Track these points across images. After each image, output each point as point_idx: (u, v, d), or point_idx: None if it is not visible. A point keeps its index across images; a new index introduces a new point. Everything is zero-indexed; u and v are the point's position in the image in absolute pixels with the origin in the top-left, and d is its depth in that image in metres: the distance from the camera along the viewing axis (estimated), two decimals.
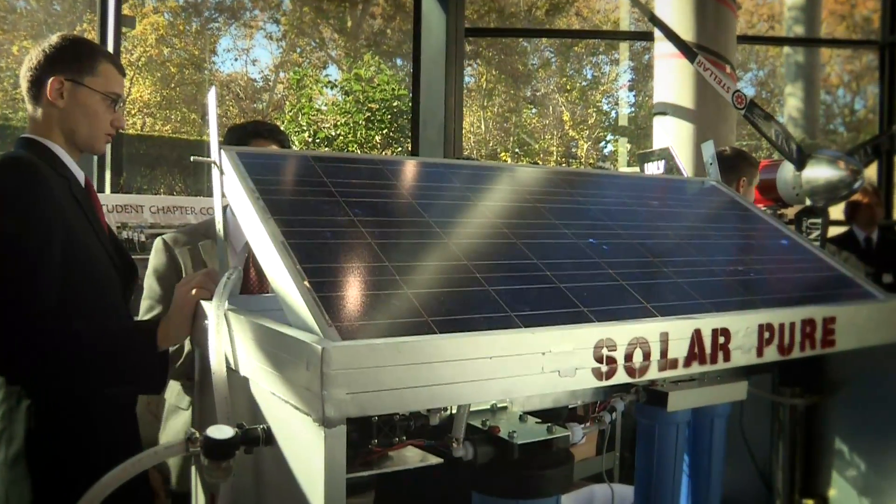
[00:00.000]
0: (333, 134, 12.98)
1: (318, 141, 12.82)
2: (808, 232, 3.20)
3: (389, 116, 12.84)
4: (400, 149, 12.64)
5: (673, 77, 5.35)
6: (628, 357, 1.16)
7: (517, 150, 18.35)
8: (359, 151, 11.70)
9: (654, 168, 4.44)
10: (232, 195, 1.33)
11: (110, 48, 4.80)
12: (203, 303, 1.35)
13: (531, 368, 1.06)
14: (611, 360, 1.14)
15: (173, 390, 2.21)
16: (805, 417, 1.78)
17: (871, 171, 5.52)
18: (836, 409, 1.74)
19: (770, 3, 18.17)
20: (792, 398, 1.76)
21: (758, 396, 1.73)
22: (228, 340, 1.20)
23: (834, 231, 3.52)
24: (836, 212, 3.47)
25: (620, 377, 1.16)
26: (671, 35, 3.78)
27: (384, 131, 12.74)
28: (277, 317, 1.12)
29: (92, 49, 1.85)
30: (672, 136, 5.23)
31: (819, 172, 3.19)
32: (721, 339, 1.27)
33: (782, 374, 1.77)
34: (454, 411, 1.19)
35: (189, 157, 1.42)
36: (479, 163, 1.77)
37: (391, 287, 1.13)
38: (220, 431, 1.03)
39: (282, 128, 4.93)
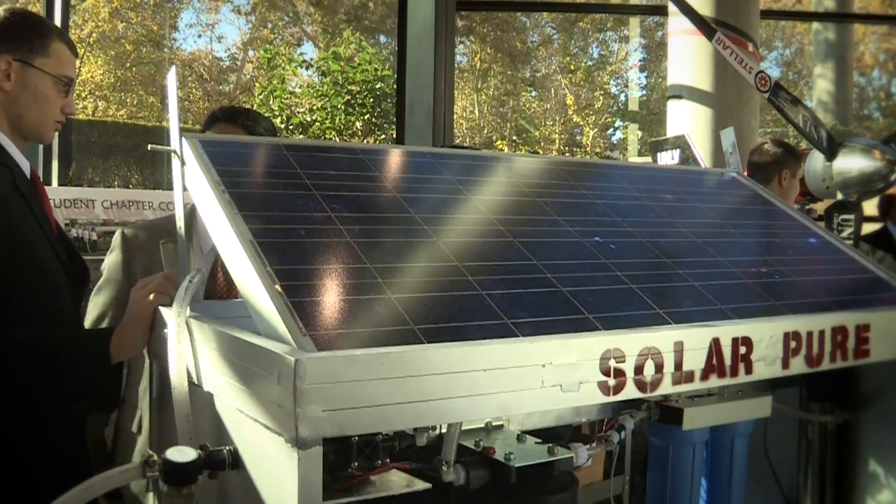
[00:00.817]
0: (309, 119, 12.96)
1: (291, 127, 12.79)
2: (840, 229, 3.22)
3: (371, 100, 12.82)
4: (383, 136, 12.60)
5: (689, 56, 5.38)
6: (639, 369, 1.16)
7: (515, 137, 18.39)
8: (337, 139, 11.68)
9: (668, 158, 4.46)
10: (194, 188, 1.32)
11: (58, 23, 4.78)
12: (162, 309, 1.35)
13: (530, 382, 1.06)
14: (619, 373, 1.14)
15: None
16: (836, 436, 1.79)
17: None
18: (871, 427, 1.75)
19: None
20: (821, 415, 1.77)
21: (783, 413, 1.74)
22: (190, 351, 1.19)
23: (868, 228, 3.55)
24: (870, 207, 3.49)
25: (630, 392, 1.16)
26: (687, 9, 3.80)
27: (366, 116, 12.71)
28: (246, 325, 1.11)
29: (43, 26, 1.84)
30: (688, 122, 5.25)
31: (852, 163, 3.21)
32: (742, 350, 1.28)
33: (810, 388, 1.78)
34: (444, 430, 1.19)
35: (146, 144, 1.42)
36: (472, 152, 1.77)
37: (373, 291, 1.13)
38: (181, 454, 1.03)
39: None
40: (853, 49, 15.43)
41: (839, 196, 3.33)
